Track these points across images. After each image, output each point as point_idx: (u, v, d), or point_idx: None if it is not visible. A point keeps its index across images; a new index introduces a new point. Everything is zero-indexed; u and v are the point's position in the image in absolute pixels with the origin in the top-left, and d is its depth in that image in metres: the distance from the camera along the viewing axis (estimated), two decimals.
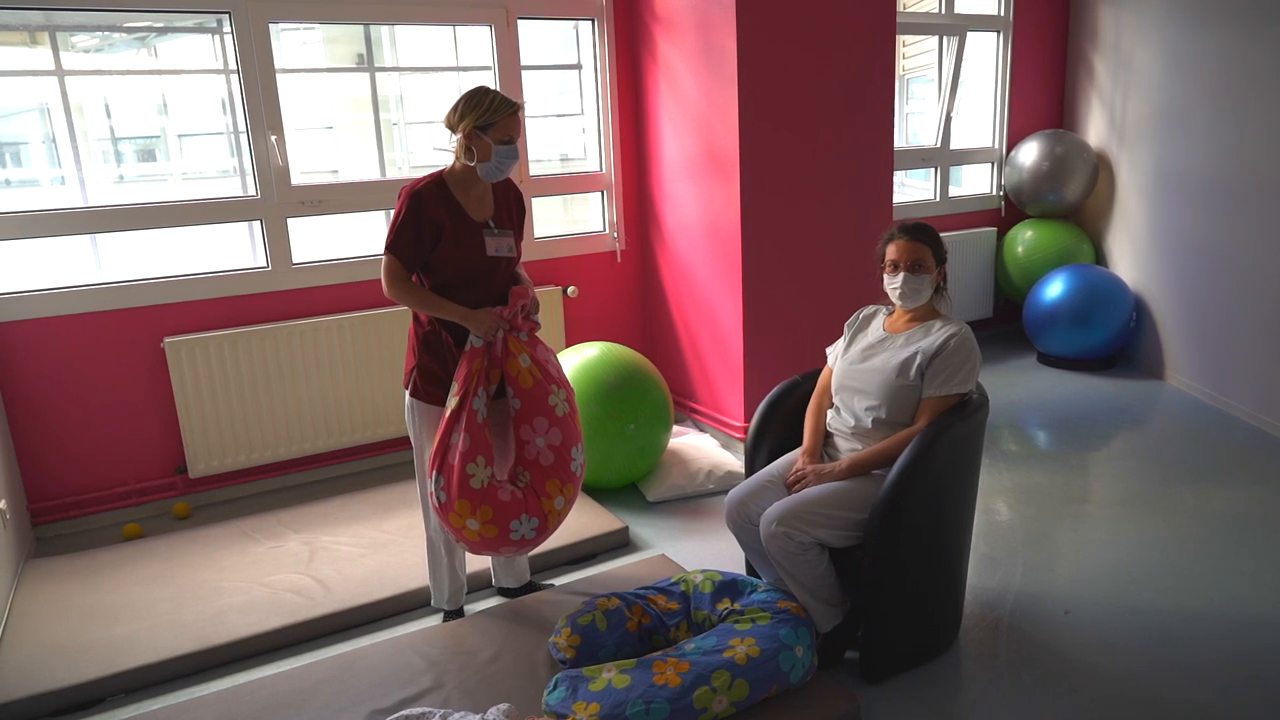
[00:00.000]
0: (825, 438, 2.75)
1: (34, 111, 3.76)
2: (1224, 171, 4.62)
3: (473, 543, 2.64)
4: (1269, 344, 4.39)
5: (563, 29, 4.56)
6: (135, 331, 3.69)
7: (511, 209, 2.79)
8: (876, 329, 2.76)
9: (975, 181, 6.03)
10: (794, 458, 2.75)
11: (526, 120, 2.68)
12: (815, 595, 2.56)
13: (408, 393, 2.75)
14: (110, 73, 4.17)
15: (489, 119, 2.55)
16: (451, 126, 2.60)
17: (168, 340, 3.68)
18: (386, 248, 2.59)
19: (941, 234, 2.71)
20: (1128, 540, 3.38)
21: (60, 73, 3.53)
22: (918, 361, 2.56)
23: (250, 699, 2.50)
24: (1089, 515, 3.61)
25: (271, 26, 3.73)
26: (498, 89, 2.95)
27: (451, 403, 2.61)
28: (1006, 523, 3.55)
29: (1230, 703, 2.46)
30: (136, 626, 2.89)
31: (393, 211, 2.62)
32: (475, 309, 2.64)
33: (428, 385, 2.71)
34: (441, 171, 2.66)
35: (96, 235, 3.67)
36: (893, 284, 2.65)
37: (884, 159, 4.32)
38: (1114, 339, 5.24)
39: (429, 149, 4.92)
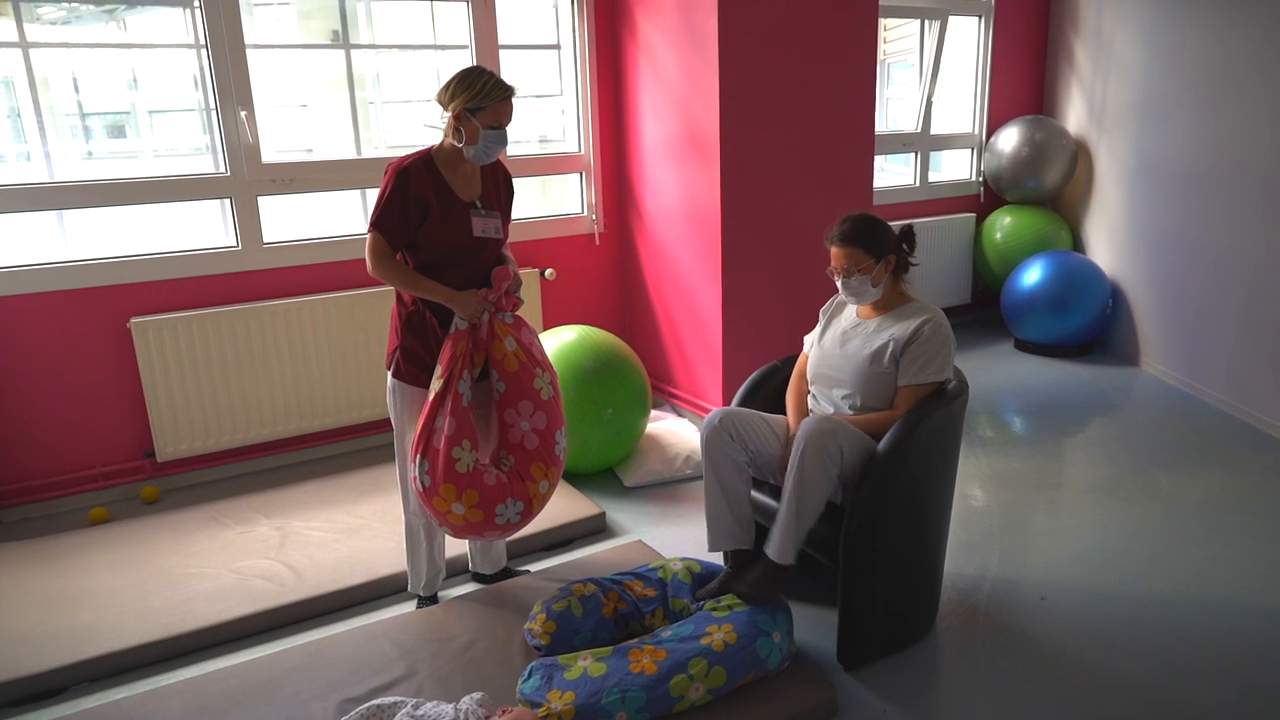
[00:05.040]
0: None
1: None
2: (1202, 159, 4.63)
3: (457, 527, 2.60)
4: (1244, 332, 4.42)
5: (542, 7, 4.48)
6: (101, 311, 3.61)
7: (500, 190, 2.74)
8: (850, 314, 2.75)
9: (955, 167, 6.02)
10: (783, 425, 2.73)
11: None
12: (803, 511, 2.44)
13: (390, 374, 2.70)
14: (77, 45, 4.05)
15: (480, 102, 2.50)
16: (443, 104, 2.55)
17: (134, 320, 3.60)
18: (371, 224, 2.53)
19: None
20: (1103, 526, 3.39)
21: (25, 45, 3.43)
22: (891, 349, 2.55)
23: (218, 688, 2.46)
24: (1065, 501, 3.62)
25: (242, 0, 3.64)
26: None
27: (436, 385, 2.57)
28: (983, 509, 3.55)
29: (1205, 687, 2.48)
30: (102, 613, 2.83)
31: (378, 189, 2.56)
32: (461, 290, 2.59)
33: (410, 366, 2.66)
34: (430, 149, 2.61)
35: (62, 212, 3.58)
36: (839, 287, 2.65)
37: (864, 143, 4.30)
38: (1090, 326, 5.26)
39: (406, 128, 4.84)
